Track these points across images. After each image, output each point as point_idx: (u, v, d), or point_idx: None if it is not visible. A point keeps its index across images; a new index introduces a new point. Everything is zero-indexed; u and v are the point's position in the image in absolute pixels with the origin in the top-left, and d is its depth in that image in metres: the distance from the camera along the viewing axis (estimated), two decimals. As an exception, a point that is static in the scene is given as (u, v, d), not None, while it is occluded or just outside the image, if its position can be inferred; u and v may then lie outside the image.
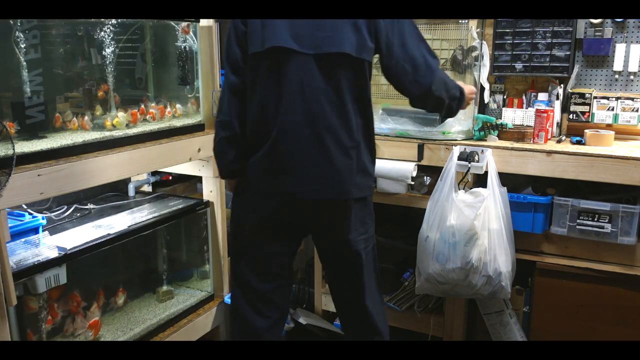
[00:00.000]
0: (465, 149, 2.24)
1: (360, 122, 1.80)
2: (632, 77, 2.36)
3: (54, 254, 1.84)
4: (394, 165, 2.37)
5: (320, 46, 1.70)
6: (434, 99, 1.86)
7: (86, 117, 2.04)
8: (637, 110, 2.26)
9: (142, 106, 2.25)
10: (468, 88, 2.00)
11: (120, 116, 2.11)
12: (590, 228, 2.12)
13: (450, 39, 2.58)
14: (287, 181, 1.77)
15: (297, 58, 1.70)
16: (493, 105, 2.53)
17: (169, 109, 2.33)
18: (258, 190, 1.84)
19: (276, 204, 1.83)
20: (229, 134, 1.83)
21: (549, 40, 2.36)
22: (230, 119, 1.82)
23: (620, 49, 2.34)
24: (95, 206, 2.37)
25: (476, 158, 2.20)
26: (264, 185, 1.82)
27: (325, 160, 1.75)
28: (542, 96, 2.42)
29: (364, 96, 1.79)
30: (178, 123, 2.31)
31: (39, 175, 1.68)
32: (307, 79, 1.71)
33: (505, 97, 2.53)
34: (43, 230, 1.96)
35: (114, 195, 2.55)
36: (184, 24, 2.34)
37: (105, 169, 1.91)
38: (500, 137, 2.30)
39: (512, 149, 2.18)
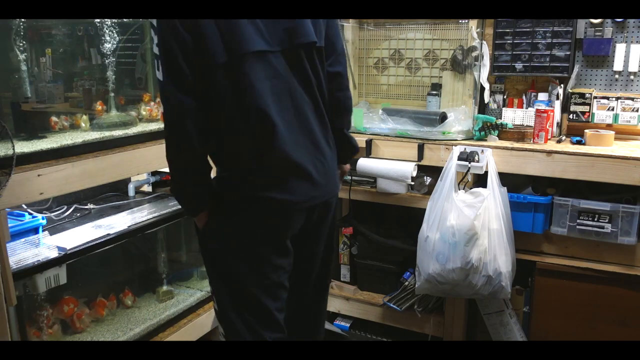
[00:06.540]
0: (465, 149, 2.24)
1: None
2: (632, 77, 2.35)
3: (54, 254, 1.84)
4: (394, 165, 2.37)
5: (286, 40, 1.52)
6: None
7: (85, 117, 2.04)
8: (637, 110, 2.26)
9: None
10: None
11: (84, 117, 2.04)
12: (590, 228, 2.12)
13: (450, 39, 2.58)
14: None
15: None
16: (493, 105, 2.53)
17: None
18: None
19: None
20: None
21: (549, 40, 2.36)
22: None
23: (620, 49, 2.33)
24: (95, 206, 2.37)
25: (476, 158, 2.20)
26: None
27: None
28: (542, 96, 2.41)
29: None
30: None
31: (39, 175, 1.68)
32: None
33: (505, 97, 2.52)
34: (43, 230, 1.96)
35: (114, 195, 2.55)
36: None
37: (105, 169, 1.90)
38: (500, 137, 2.30)
39: (512, 149, 2.18)
